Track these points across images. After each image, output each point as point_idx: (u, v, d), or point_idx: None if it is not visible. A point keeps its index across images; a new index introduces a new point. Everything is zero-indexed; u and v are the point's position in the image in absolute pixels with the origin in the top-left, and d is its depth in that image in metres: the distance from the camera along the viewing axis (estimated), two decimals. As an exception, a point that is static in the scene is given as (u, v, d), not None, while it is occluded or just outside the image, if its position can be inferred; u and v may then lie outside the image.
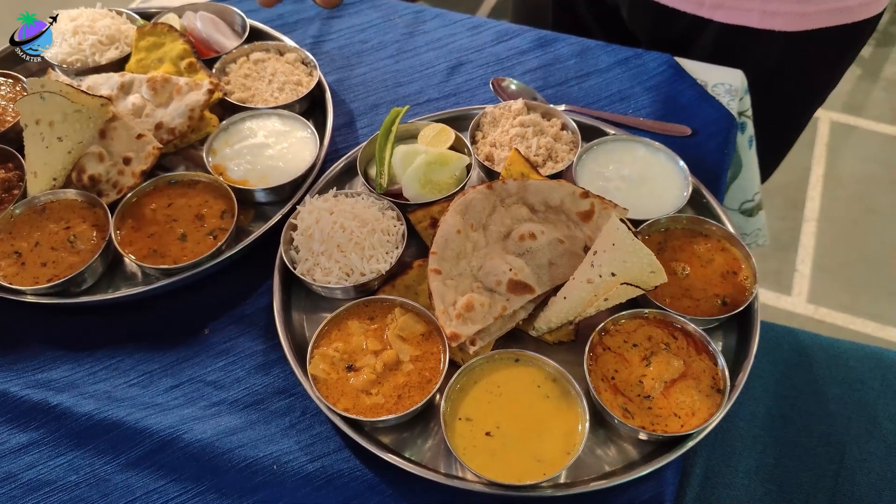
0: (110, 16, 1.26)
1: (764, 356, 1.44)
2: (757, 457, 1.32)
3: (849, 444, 1.35)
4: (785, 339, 1.49)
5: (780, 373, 1.43)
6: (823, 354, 1.48)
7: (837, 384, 1.43)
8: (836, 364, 1.45)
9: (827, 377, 1.44)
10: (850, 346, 1.50)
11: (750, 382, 1.38)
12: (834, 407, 1.40)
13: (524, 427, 0.86)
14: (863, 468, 1.32)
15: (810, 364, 1.47)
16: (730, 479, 1.30)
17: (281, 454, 0.88)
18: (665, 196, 1.08)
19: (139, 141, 1.07)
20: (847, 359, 1.46)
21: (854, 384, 1.42)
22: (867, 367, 1.45)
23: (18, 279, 0.98)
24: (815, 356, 1.48)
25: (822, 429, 1.36)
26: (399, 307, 0.95)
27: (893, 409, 1.38)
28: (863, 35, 1.33)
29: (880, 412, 1.38)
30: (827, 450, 1.34)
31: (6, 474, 0.88)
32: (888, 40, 3.51)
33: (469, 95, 1.29)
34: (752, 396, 1.41)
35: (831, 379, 1.44)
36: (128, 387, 0.95)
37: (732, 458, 1.32)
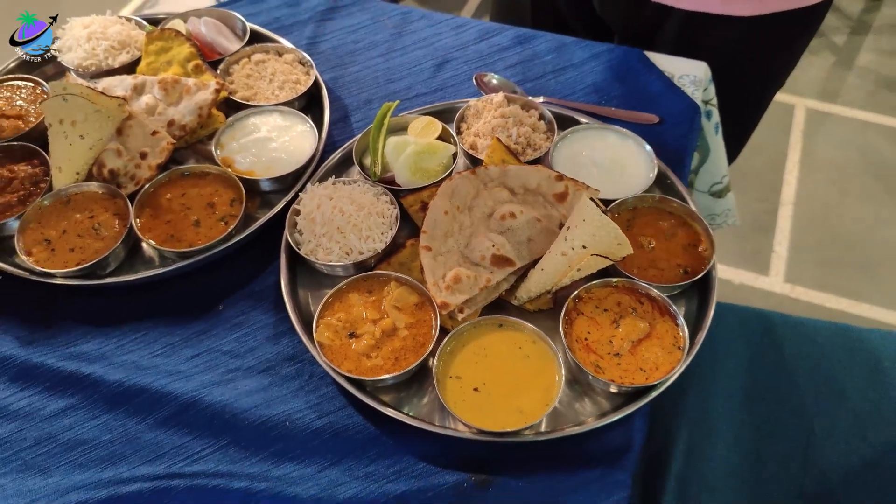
0: (120, 22, 1.34)
1: (737, 337, 1.52)
2: (735, 431, 1.38)
3: (818, 415, 1.41)
4: (757, 321, 1.55)
5: (753, 352, 1.50)
6: (793, 332, 1.54)
7: (806, 360, 1.49)
8: (805, 341, 1.52)
9: (796, 354, 1.51)
10: (817, 323, 1.56)
11: (726, 362, 1.48)
12: (803, 381, 1.47)
13: (507, 383, 0.95)
14: (832, 437, 1.38)
15: (781, 342, 1.53)
16: (710, 452, 1.37)
17: (292, 412, 0.98)
18: (633, 178, 1.17)
19: (154, 137, 1.16)
20: (815, 335, 1.53)
21: (822, 359, 1.49)
22: (834, 343, 1.51)
23: (49, 263, 1.06)
24: (785, 335, 1.54)
25: (793, 403, 1.43)
26: (394, 281, 1.04)
27: (859, 381, 1.44)
28: (816, 18, 1.40)
29: (847, 384, 1.44)
30: (798, 422, 1.40)
31: (47, 435, 0.97)
32: (862, 29, 3.55)
33: (454, 90, 1.37)
34: (728, 376, 1.47)
35: (801, 355, 1.50)
36: (152, 357, 1.04)
37: (712, 434, 1.38)
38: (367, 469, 0.93)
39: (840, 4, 3.66)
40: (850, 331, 1.55)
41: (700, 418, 1.39)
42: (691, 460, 1.35)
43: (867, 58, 3.45)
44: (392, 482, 0.92)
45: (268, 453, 0.95)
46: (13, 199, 1.12)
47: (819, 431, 1.38)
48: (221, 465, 0.93)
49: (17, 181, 1.13)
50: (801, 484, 1.34)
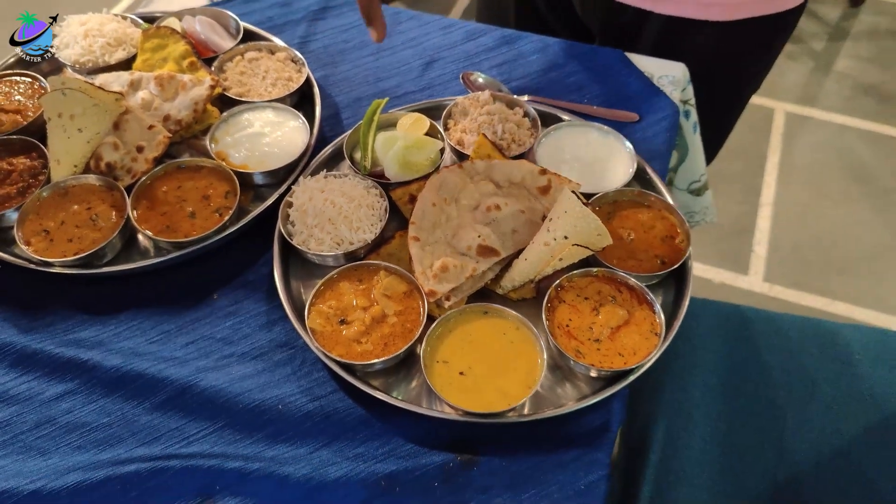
0: (116, 20, 1.36)
1: (714, 332, 1.53)
2: (712, 423, 1.40)
3: (790, 405, 1.43)
4: (733, 316, 1.58)
5: (730, 346, 1.52)
6: (767, 327, 1.57)
7: (780, 353, 1.52)
8: (779, 335, 1.54)
9: (771, 348, 1.53)
10: (790, 318, 1.59)
11: (703, 356, 1.52)
12: (777, 374, 1.49)
13: (492, 367, 0.99)
14: (804, 427, 1.41)
15: (755, 337, 1.55)
16: (687, 443, 1.38)
17: (285, 396, 1.00)
18: (614, 173, 1.20)
19: (150, 131, 1.19)
20: (788, 330, 1.55)
21: (795, 353, 1.51)
22: (806, 337, 1.54)
23: (48, 253, 1.09)
24: (760, 329, 1.57)
25: (767, 394, 1.45)
26: (384, 270, 1.07)
27: (830, 374, 1.47)
28: (789, 23, 1.44)
29: (818, 376, 1.47)
30: (772, 412, 1.42)
31: (47, 418, 0.99)
32: (840, 35, 3.63)
33: (442, 88, 1.40)
34: (705, 369, 1.48)
35: (774, 349, 1.52)
36: (148, 344, 1.06)
37: (689, 425, 1.40)
38: (357, 450, 0.96)
39: (819, 11, 3.74)
40: (821, 325, 1.58)
41: (678, 410, 1.42)
42: (669, 451, 1.37)
43: (845, 63, 3.53)
44: (381, 462, 0.95)
45: (261, 435, 0.98)
46: (12, 190, 1.14)
47: (792, 422, 1.41)
48: (216, 447, 0.96)
49: (16, 173, 1.16)
50: (775, 472, 1.36)
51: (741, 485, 1.37)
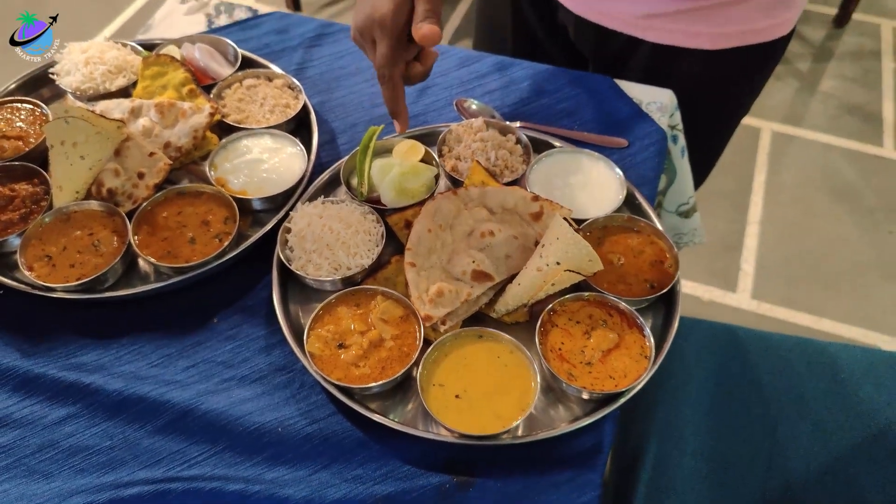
0: (117, 47, 1.39)
1: (705, 350, 1.58)
2: (702, 439, 1.44)
3: (780, 422, 1.47)
4: (723, 335, 1.62)
5: (720, 364, 1.56)
6: (756, 346, 1.61)
7: (769, 371, 1.56)
8: (768, 353, 1.59)
9: (760, 365, 1.57)
10: (779, 337, 1.63)
11: (694, 374, 1.55)
12: (766, 391, 1.53)
13: (486, 390, 1.01)
14: (793, 443, 1.44)
15: (745, 355, 1.59)
16: (678, 459, 1.42)
17: (284, 419, 1.02)
18: (604, 199, 1.23)
19: (151, 158, 1.21)
20: (777, 348, 1.60)
21: (784, 370, 1.55)
22: (795, 355, 1.58)
23: (50, 278, 1.10)
24: (750, 348, 1.61)
25: (756, 411, 1.49)
26: (381, 295, 1.09)
27: (818, 391, 1.51)
28: (774, 53, 1.47)
29: (807, 393, 1.51)
30: (762, 428, 1.46)
31: (50, 442, 1.01)
32: (825, 56, 3.70)
33: (436, 115, 1.43)
34: (696, 386, 1.53)
35: (764, 367, 1.56)
36: (150, 367, 1.08)
37: (680, 442, 1.44)
38: (355, 472, 0.98)
39: (804, 32, 3.81)
40: (810, 344, 1.62)
41: (669, 427, 1.45)
42: (660, 468, 1.41)
43: (830, 84, 3.59)
44: (379, 484, 0.97)
45: (261, 458, 0.99)
46: (15, 216, 1.17)
47: (781, 438, 1.44)
48: (217, 469, 0.98)
49: (19, 199, 1.18)
50: (764, 488, 1.40)
51: (732, 500, 1.40)
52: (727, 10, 1.34)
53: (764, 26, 1.39)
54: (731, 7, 1.33)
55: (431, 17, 1.08)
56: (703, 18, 1.36)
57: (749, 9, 1.34)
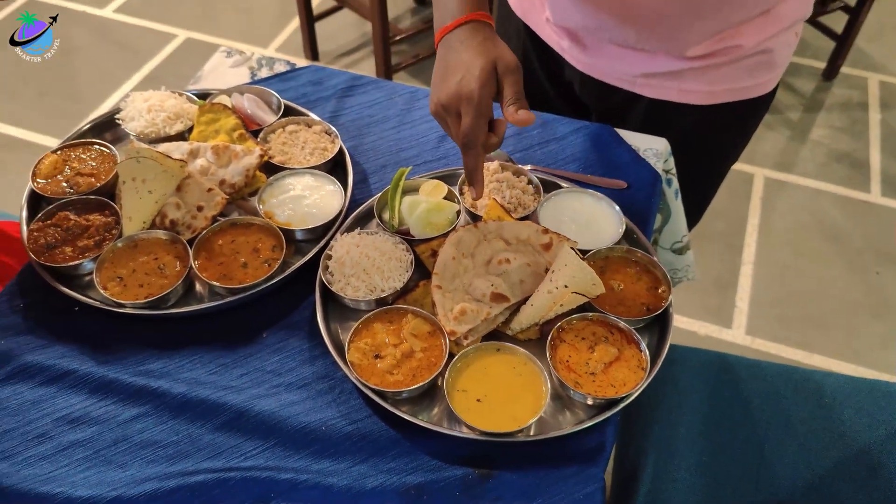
0: (174, 97, 1.56)
1: (699, 376, 1.69)
2: (696, 456, 1.54)
3: (768, 441, 1.57)
4: (715, 362, 1.74)
5: (712, 388, 1.67)
6: (747, 372, 1.72)
7: (758, 396, 1.66)
8: (757, 380, 1.70)
9: (750, 390, 1.68)
10: (768, 365, 1.74)
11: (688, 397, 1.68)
12: (756, 414, 1.63)
13: (504, 395, 1.15)
14: (780, 461, 1.55)
15: (736, 381, 1.70)
16: (675, 475, 1.53)
17: (327, 420, 1.16)
18: (605, 233, 1.38)
19: (209, 193, 1.38)
20: (766, 375, 1.71)
21: (772, 395, 1.66)
22: (782, 381, 1.69)
23: (122, 297, 1.25)
24: (740, 374, 1.72)
25: (746, 432, 1.59)
26: (411, 313, 1.24)
27: (804, 414, 1.62)
28: (759, 108, 1.60)
29: (793, 416, 1.62)
30: (751, 448, 1.56)
31: (123, 437, 1.14)
32: (815, 106, 3.86)
33: (456, 158, 1.57)
34: (690, 409, 1.64)
35: (753, 392, 1.67)
36: (208, 374, 1.22)
37: (676, 458, 1.55)
38: (389, 465, 1.12)
39: (795, 84, 3.99)
40: (796, 371, 1.73)
41: (666, 446, 1.57)
42: (658, 482, 1.52)
43: (819, 133, 3.74)
44: (410, 475, 1.11)
45: (308, 452, 1.13)
46: (90, 243, 1.33)
47: (769, 457, 1.55)
48: (270, 461, 1.12)
49: (93, 228, 1.34)
50: (754, 502, 1.50)
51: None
52: (715, 70, 1.48)
53: (749, 85, 1.52)
54: (718, 68, 1.47)
55: (522, 101, 1.17)
56: (694, 78, 1.48)
57: (735, 70, 1.48)
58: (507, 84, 1.17)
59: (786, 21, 1.44)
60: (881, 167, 3.59)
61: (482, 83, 1.15)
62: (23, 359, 1.24)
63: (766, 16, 1.41)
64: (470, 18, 1.22)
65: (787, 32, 1.48)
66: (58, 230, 1.33)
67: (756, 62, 1.49)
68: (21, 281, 1.34)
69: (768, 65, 1.52)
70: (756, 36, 1.43)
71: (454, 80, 1.18)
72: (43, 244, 1.32)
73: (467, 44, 1.20)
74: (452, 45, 1.22)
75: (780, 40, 1.48)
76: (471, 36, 1.20)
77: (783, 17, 1.43)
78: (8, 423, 1.17)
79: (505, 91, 1.18)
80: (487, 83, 1.16)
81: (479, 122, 1.17)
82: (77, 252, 1.32)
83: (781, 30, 1.45)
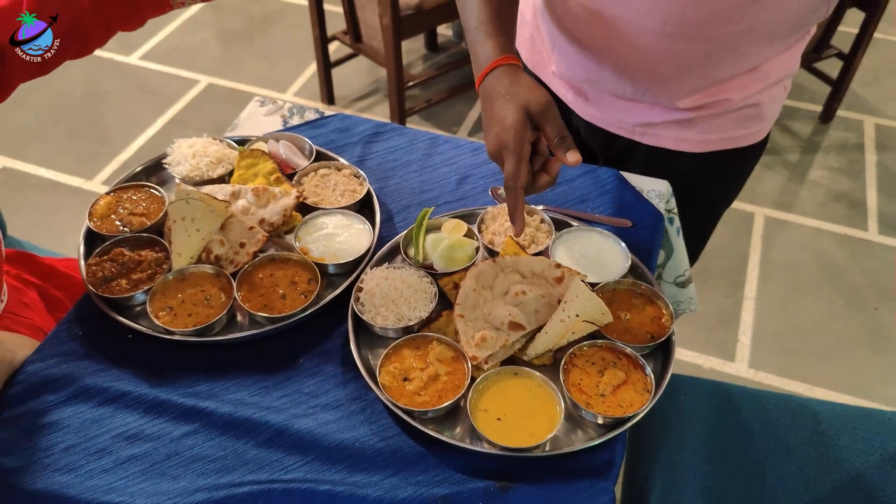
0: (216, 143, 1.70)
1: (702, 404, 1.77)
2: (700, 480, 1.62)
3: (768, 466, 1.65)
4: (719, 391, 1.83)
5: (715, 416, 1.76)
6: (748, 402, 1.80)
7: (758, 423, 1.74)
8: (757, 408, 1.78)
9: (751, 419, 1.76)
10: (768, 394, 1.83)
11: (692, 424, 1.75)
12: (756, 440, 1.71)
13: (521, 415, 1.23)
14: (780, 484, 1.62)
15: (738, 409, 1.79)
16: (681, 497, 1.60)
17: (360, 437, 1.25)
18: (612, 268, 1.47)
19: (251, 231, 1.50)
20: (766, 403, 1.79)
21: (771, 423, 1.74)
22: (781, 409, 1.77)
23: (172, 325, 1.36)
24: (742, 403, 1.80)
25: (747, 457, 1.67)
26: (436, 340, 1.33)
27: (801, 440, 1.70)
28: (751, 156, 1.71)
29: (791, 442, 1.70)
30: (752, 472, 1.64)
31: (176, 452, 1.24)
32: (812, 148, 3.99)
33: (474, 199, 1.68)
34: (694, 435, 1.72)
35: (754, 420, 1.75)
36: (251, 396, 1.31)
37: (681, 482, 1.63)
38: (418, 478, 1.20)
39: (792, 127, 4.13)
40: (794, 400, 1.81)
41: (672, 470, 1.64)
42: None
43: (818, 173, 3.85)
44: (437, 486, 1.19)
45: (343, 466, 1.22)
46: (143, 276, 1.45)
47: (769, 480, 1.62)
48: (309, 474, 1.21)
49: (145, 263, 1.46)
50: None
51: None
52: (708, 121, 1.59)
53: (740, 135, 1.64)
54: (711, 119, 1.59)
55: (566, 139, 1.22)
56: (689, 128, 1.58)
57: (726, 121, 1.57)
58: (546, 124, 1.23)
59: (773, 77, 1.57)
60: (878, 206, 3.70)
61: (516, 132, 1.22)
62: (82, 381, 1.35)
63: (752, 73, 1.53)
64: (497, 64, 1.29)
65: (775, 87, 1.60)
66: (114, 265, 1.46)
67: (745, 114, 1.61)
68: (78, 310, 1.47)
69: (757, 117, 1.63)
70: (743, 91, 1.55)
71: (494, 131, 1.25)
72: (100, 277, 1.44)
73: (498, 91, 1.26)
74: (487, 95, 1.31)
75: (768, 94, 1.60)
76: (499, 83, 1.27)
77: (770, 74, 1.56)
78: (71, 439, 1.28)
79: (547, 131, 1.23)
80: (521, 131, 1.22)
81: (518, 168, 1.23)
82: (131, 284, 1.44)
83: (768, 85, 1.57)
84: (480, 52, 1.35)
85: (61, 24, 1.29)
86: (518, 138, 1.22)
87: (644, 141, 1.66)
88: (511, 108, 1.25)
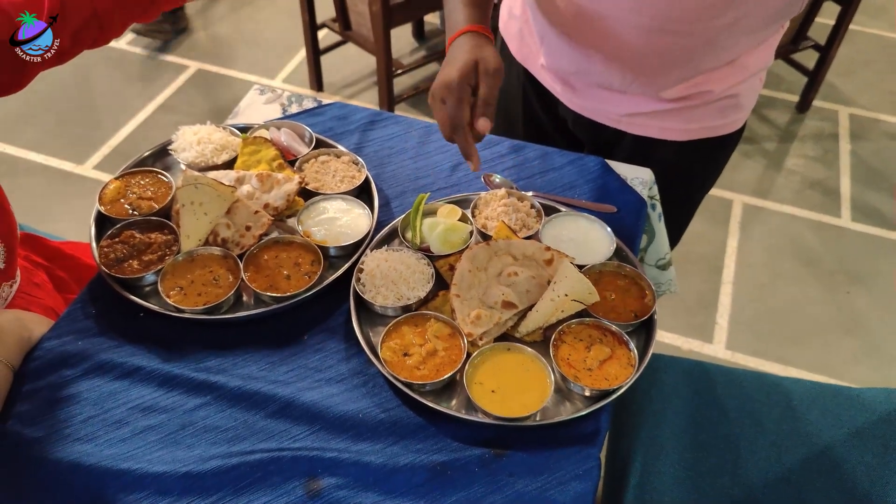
0: (220, 131, 1.75)
1: (681, 382, 1.84)
2: (679, 453, 1.65)
3: (742, 440, 1.72)
4: (697, 370, 1.90)
5: (693, 393, 1.83)
6: (724, 380, 1.88)
7: (734, 400, 1.81)
8: (733, 386, 1.85)
9: (727, 395, 1.82)
10: (744, 372, 1.91)
11: (672, 401, 1.84)
12: (732, 415, 1.78)
13: (514, 388, 1.29)
14: (753, 458, 1.69)
15: (715, 387, 1.86)
16: (660, 468, 1.68)
17: (363, 409, 1.32)
18: (598, 251, 1.53)
19: (256, 215, 1.56)
20: (741, 381, 1.87)
21: (746, 399, 1.80)
22: (755, 387, 1.85)
23: (182, 304, 1.42)
24: (719, 381, 1.88)
25: (723, 431, 1.74)
26: (433, 318, 1.40)
27: (774, 416, 1.77)
28: (729, 144, 1.79)
29: (764, 418, 1.77)
30: (727, 446, 1.71)
31: (189, 423, 1.30)
32: (789, 137, 4.08)
33: (467, 185, 1.74)
34: (674, 411, 1.79)
35: (730, 396, 1.78)
36: (259, 371, 1.37)
37: (661, 455, 1.70)
38: (417, 446, 1.27)
39: (770, 116, 4.21)
40: (767, 378, 1.90)
41: (652, 444, 1.72)
42: (646, 475, 1.68)
43: (793, 162, 3.94)
44: (436, 454, 1.27)
45: (347, 435, 1.29)
46: (154, 258, 1.51)
47: (744, 453, 1.67)
48: (316, 443, 1.28)
49: (155, 245, 1.52)
50: (731, 493, 1.65)
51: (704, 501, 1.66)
52: (690, 111, 1.64)
53: (720, 124, 1.72)
54: (693, 109, 1.63)
55: (488, 106, 1.29)
56: (672, 117, 1.65)
57: (708, 111, 1.64)
58: (481, 84, 1.29)
59: (751, 69, 1.66)
60: (851, 194, 3.79)
61: (461, 73, 1.28)
62: (98, 357, 1.42)
63: (732, 65, 1.62)
64: (469, 30, 1.36)
65: (752, 79, 1.70)
66: (125, 246, 1.52)
67: (725, 105, 1.70)
68: (92, 290, 1.53)
69: (736, 107, 1.72)
70: (724, 82, 1.64)
71: (442, 73, 1.32)
72: (113, 258, 1.51)
73: (462, 48, 1.33)
74: (452, 51, 1.36)
75: (746, 86, 1.69)
76: (466, 41, 1.34)
77: (748, 66, 1.65)
78: (89, 411, 1.35)
79: (481, 90, 1.30)
80: (466, 74, 1.28)
81: (459, 106, 1.29)
82: (142, 265, 1.50)
83: (747, 77, 1.66)
84: (453, 20, 1.43)
85: (81, 16, 1.35)
86: (461, 80, 1.28)
87: (630, 130, 1.72)
88: (465, 57, 1.30)
